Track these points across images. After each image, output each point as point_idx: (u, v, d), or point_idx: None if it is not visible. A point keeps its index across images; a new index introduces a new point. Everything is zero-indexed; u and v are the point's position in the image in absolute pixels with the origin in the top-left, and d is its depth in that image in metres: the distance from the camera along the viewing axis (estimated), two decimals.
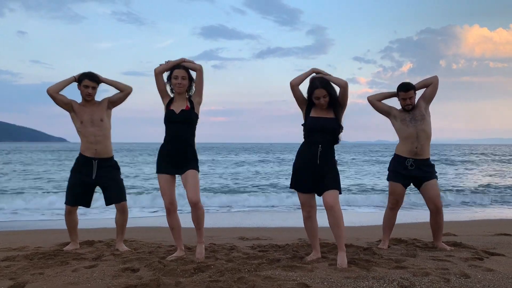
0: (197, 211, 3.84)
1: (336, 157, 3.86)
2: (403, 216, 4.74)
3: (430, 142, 4.40)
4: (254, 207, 10.75)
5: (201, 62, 3.94)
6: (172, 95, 4.00)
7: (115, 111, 4.45)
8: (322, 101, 3.70)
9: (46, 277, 3.21)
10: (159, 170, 3.93)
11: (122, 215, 4.36)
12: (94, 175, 4.25)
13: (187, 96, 3.99)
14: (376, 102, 4.50)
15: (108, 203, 4.34)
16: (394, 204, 4.49)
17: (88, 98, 4.26)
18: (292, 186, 3.89)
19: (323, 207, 3.68)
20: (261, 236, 5.56)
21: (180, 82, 3.87)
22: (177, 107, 3.89)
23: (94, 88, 4.27)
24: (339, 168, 3.86)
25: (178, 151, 3.86)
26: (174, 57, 4.10)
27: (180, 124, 3.88)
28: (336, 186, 3.70)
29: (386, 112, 4.48)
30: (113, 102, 4.38)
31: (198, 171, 3.92)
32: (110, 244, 4.59)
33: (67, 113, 4.33)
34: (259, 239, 5.33)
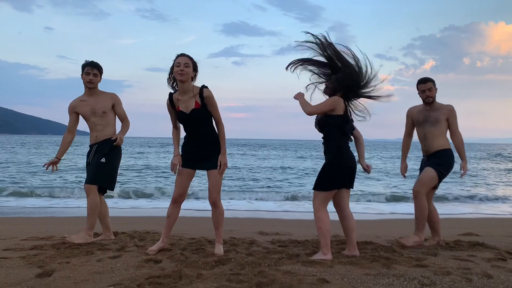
0: (215, 210, 3.87)
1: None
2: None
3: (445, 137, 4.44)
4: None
5: (221, 59, 3.98)
6: (173, 91, 3.82)
7: (137, 107, 4.61)
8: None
9: (72, 266, 3.31)
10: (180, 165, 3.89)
11: (87, 199, 4.31)
12: (90, 159, 4.35)
13: (195, 92, 3.71)
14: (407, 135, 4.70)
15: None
16: None
17: (90, 85, 4.32)
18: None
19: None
20: (280, 231, 5.59)
21: (182, 69, 3.60)
22: (186, 107, 3.71)
23: (96, 76, 4.32)
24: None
25: (196, 149, 3.81)
26: (197, 53, 4.02)
27: (194, 123, 3.74)
28: (316, 184, 3.77)
29: (411, 123, 4.62)
30: (115, 110, 4.44)
31: (220, 165, 3.77)
32: (133, 236, 4.69)
33: None
34: (279, 234, 5.36)
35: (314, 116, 3.85)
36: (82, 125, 4.62)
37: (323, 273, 3.16)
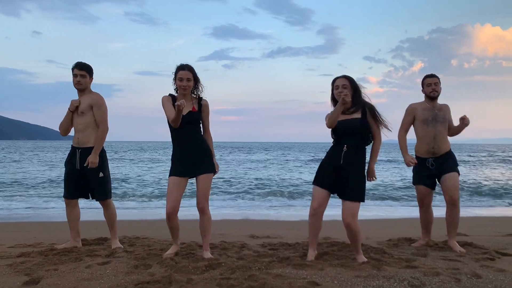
0: (203, 217, 3.82)
1: None
2: (414, 214, 4.74)
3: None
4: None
5: (212, 62, 3.96)
6: (175, 94, 3.94)
7: (128, 110, 4.52)
8: (340, 89, 3.67)
9: (60, 273, 3.27)
10: (170, 173, 3.85)
11: (106, 211, 4.39)
12: (78, 165, 4.25)
13: (195, 97, 3.92)
14: (405, 132, 4.56)
15: (93, 198, 4.38)
16: (420, 203, 4.61)
17: (77, 86, 4.26)
18: (314, 181, 3.80)
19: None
20: (271, 234, 5.58)
21: (186, 85, 3.79)
22: (184, 109, 3.76)
23: (84, 77, 4.24)
24: None
25: (189, 153, 3.81)
26: (187, 57, 3.99)
27: (189, 125, 3.82)
28: (357, 196, 3.62)
29: (412, 120, 4.53)
30: (93, 112, 4.27)
31: (212, 171, 3.86)
32: (122, 241, 4.64)
33: None
34: (270, 237, 5.35)
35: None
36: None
37: (314, 276, 3.16)
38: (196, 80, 3.88)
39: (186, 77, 3.79)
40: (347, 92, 3.65)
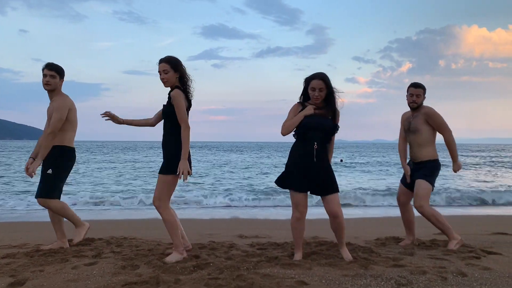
0: (162, 217, 3.77)
1: (341, 157, 3.89)
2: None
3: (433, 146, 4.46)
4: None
5: (201, 61, 3.89)
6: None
7: (117, 109, 4.48)
8: (316, 93, 3.65)
9: (46, 274, 3.23)
10: None
11: (49, 210, 4.28)
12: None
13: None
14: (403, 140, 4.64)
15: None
16: (397, 200, 4.71)
17: (46, 87, 4.19)
18: (287, 185, 3.75)
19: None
20: (260, 234, 5.58)
21: (163, 77, 3.71)
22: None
23: (53, 77, 4.16)
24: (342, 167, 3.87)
25: (162, 148, 3.79)
26: (175, 55, 3.87)
27: (164, 120, 3.80)
28: (336, 187, 3.70)
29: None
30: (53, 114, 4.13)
31: (165, 173, 3.67)
32: (110, 242, 4.61)
33: None
34: (258, 237, 5.35)
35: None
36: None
37: (302, 275, 3.17)
38: (178, 71, 3.74)
39: (162, 69, 3.71)
40: (312, 108, 3.67)
